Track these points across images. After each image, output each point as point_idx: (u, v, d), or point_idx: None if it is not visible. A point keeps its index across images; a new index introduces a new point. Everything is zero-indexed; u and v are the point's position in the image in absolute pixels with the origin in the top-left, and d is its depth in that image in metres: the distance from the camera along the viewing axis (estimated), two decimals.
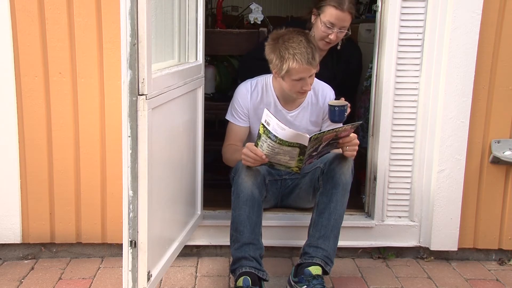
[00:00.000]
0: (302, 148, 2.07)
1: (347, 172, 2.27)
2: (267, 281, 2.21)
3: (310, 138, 2.03)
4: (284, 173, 2.55)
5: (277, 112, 2.44)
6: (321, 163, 2.36)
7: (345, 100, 2.44)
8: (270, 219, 2.55)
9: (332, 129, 2.13)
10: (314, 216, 2.29)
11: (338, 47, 2.68)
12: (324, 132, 2.10)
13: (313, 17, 2.63)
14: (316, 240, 2.25)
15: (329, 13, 2.53)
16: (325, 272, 2.22)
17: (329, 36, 2.53)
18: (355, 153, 2.28)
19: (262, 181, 2.27)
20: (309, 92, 2.44)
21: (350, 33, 2.61)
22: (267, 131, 2.07)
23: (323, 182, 2.30)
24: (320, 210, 2.27)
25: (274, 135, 2.04)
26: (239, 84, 2.56)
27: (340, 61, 2.71)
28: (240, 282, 2.13)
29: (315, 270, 2.18)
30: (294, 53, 2.24)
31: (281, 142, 2.05)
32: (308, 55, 2.25)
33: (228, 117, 2.52)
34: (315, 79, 2.44)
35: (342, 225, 2.46)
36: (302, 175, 2.49)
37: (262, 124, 2.09)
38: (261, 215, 2.26)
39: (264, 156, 2.14)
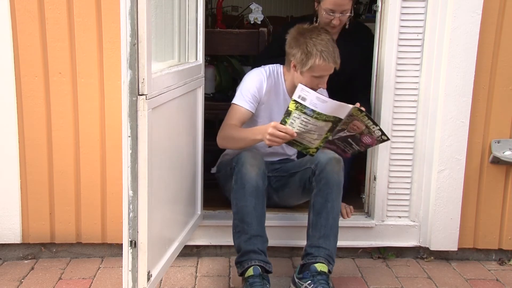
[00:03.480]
0: (335, 122, 2.07)
1: (340, 172, 2.29)
2: (271, 273, 2.23)
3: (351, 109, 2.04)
4: (270, 170, 2.55)
5: (285, 104, 2.45)
6: (311, 164, 2.36)
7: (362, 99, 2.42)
8: (270, 219, 2.53)
9: (369, 117, 2.13)
10: (311, 217, 2.30)
11: (346, 26, 2.67)
12: (362, 111, 2.10)
13: (316, 5, 2.67)
14: (317, 240, 2.25)
15: (328, 1, 2.55)
16: (329, 271, 2.22)
17: (332, 21, 2.56)
18: None
19: (264, 171, 2.28)
20: None
21: (352, 14, 2.61)
22: (301, 107, 2.05)
23: (317, 183, 2.30)
24: (317, 211, 2.27)
25: (312, 110, 2.03)
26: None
27: (350, 39, 2.70)
28: (251, 271, 2.15)
29: (321, 267, 2.19)
30: (322, 51, 2.27)
31: (318, 116, 2.04)
32: (334, 54, 2.29)
33: (236, 100, 2.44)
34: None
35: (342, 225, 2.45)
36: (290, 175, 2.50)
37: (295, 100, 2.06)
38: (265, 207, 2.27)
39: (295, 134, 2.12)
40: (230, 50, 3.26)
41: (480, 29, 2.43)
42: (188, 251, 2.62)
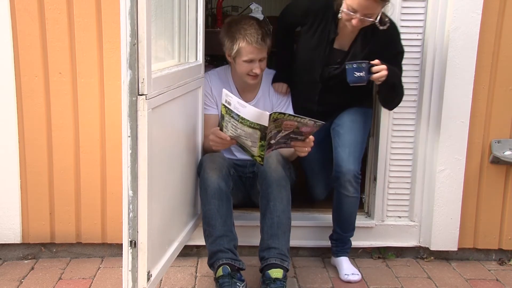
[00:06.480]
0: (262, 130, 2.01)
1: (277, 168, 2.27)
2: (243, 269, 2.23)
3: (270, 115, 1.96)
4: (248, 171, 2.58)
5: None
6: (256, 167, 2.37)
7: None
8: None
9: (294, 116, 2.05)
10: (260, 221, 2.29)
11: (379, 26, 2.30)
12: (285, 114, 2.02)
13: None
14: (266, 241, 2.24)
15: None
16: (285, 269, 2.20)
17: (352, 21, 2.25)
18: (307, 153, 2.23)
19: (227, 173, 2.30)
20: (263, 81, 2.55)
21: (376, 21, 2.24)
22: (229, 111, 2.08)
23: (260, 185, 2.31)
24: (263, 213, 2.28)
25: (236, 114, 2.04)
26: None
27: (368, 41, 2.40)
28: (220, 271, 2.17)
29: (275, 273, 2.16)
30: (245, 34, 2.37)
31: (242, 121, 2.03)
32: (258, 36, 2.38)
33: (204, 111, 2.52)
34: (270, 70, 2.55)
35: None
36: (255, 176, 2.51)
37: (223, 104, 2.10)
38: (230, 207, 2.28)
39: (228, 138, 2.16)
40: None
41: (480, 29, 2.43)
42: (188, 251, 2.62)
